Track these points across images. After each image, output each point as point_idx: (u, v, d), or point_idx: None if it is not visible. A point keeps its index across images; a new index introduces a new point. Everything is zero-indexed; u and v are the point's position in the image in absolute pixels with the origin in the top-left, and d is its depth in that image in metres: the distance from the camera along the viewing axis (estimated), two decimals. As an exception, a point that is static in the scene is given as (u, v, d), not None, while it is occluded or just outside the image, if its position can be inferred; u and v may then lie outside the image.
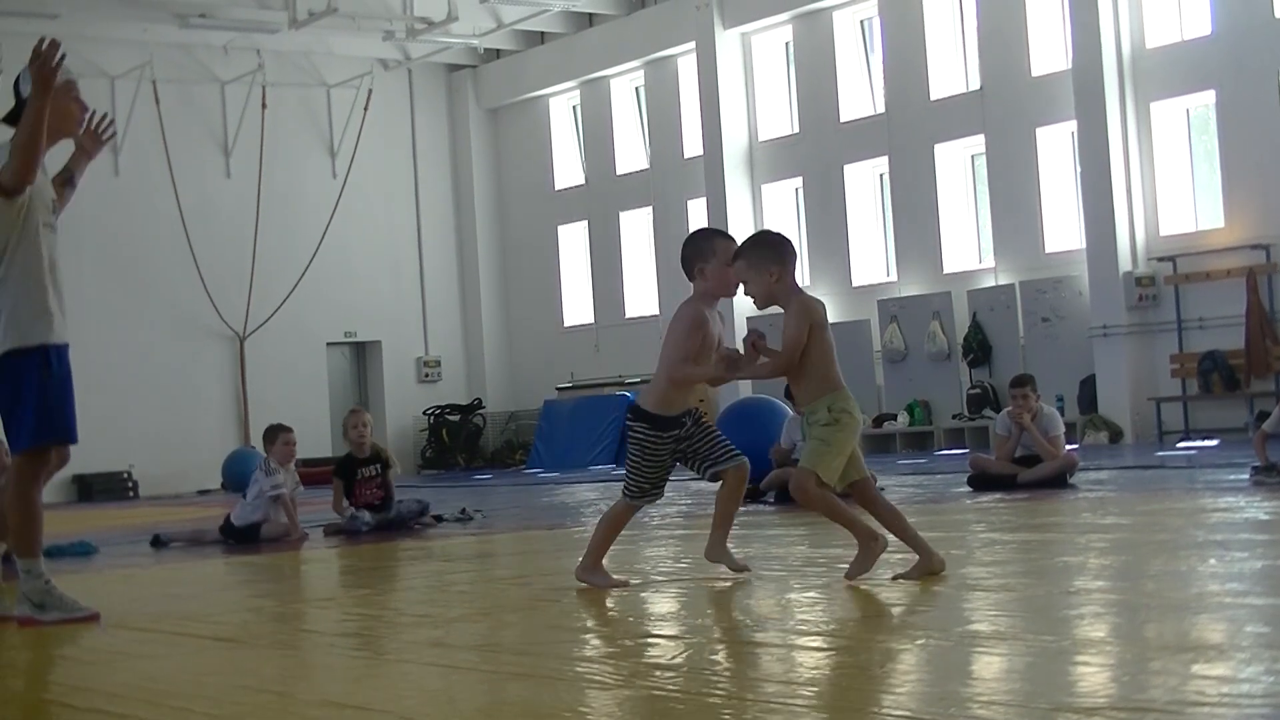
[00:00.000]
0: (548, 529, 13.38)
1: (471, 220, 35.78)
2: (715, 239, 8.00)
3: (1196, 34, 23.85)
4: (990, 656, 5.33)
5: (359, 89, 33.77)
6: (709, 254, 7.87)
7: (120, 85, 31.46)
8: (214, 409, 32.05)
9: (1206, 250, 23.44)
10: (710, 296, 7.91)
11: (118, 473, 30.59)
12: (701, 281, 7.88)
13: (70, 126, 8.07)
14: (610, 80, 33.14)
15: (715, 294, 7.91)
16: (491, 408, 34.90)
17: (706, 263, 7.85)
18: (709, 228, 8.66)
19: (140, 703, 5.44)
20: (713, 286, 7.87)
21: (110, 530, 16.74)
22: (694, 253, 7.92)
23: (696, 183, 30.70)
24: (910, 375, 26.53)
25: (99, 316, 30.81)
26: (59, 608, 7.83)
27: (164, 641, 7.27)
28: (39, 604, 7.77)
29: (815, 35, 28.95)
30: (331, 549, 12.53)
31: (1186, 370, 23.66)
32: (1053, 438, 14.17)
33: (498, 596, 8.41)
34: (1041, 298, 25.12)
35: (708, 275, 7.85)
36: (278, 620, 8.02)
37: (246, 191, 32.38)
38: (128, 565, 12.20)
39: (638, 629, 6.71)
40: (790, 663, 5.51)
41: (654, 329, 31.98)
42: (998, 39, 26.05)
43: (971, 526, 10.74)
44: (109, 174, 31.36)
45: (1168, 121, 24.19)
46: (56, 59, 7.62)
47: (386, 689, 5.52)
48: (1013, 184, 25.89)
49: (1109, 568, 7.91)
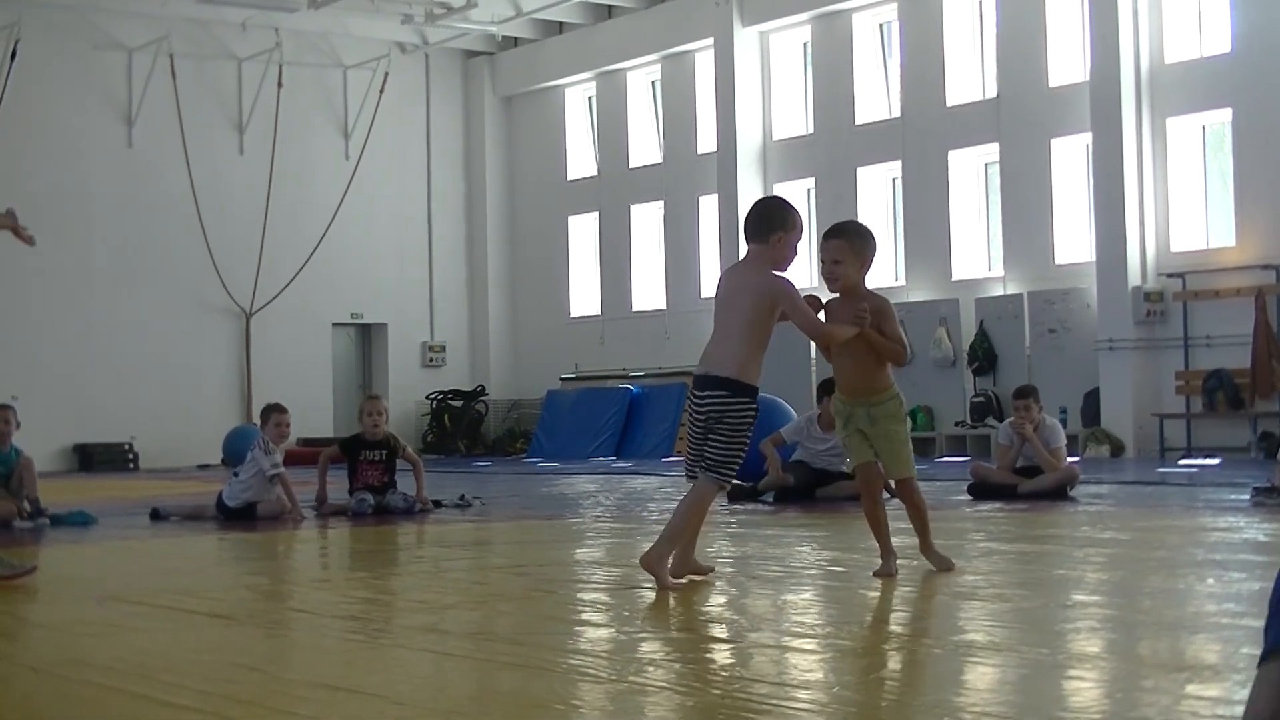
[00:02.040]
0: (546, 519, 13.38)
1: (482, 207, 35.77)
2: (791, 211, 7.88)
3: (1216, 51, 23.81)
4: (984, 667, 5.33)
5: (375, 71, 33.76)
6: (789, 224, 7.76)
7: (137, 58, 31.47)
8: (217, 384, 32.07)
9: (1216, 268, 23.42)
10: (771, 263, 7.75)
11: (119, 444, 30.61)
12: (769, 249, 7.72)
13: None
14: (627, 73, 33.13)
15: (777, 263, 7.76)
16: (494, 395, 34.90)
17: (786, 231, 7.73)
18: (779, 197, 8.44)
19: (133, 676, 5.44)
20: (779, 254, 7.74)
21: (109, 501, 16.75)
22: (776, 219, 7.75)
23: (709, 179, 30.68)
24: (915, 380, 26.44)
25: (107, 288, 30.86)
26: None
27: (158, 616, 7.27)
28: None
29: (834, 36, 28.92)
30: (330, 529, 12.53)
31: (1191, 387, 23.63)
32: (1054, 449, 14.16)
33: (493, 585, 8.42)
34: (1049, 308, 25.10)
35: (780, 244, 7.73)
36: (273, 599, 8.03)
37: (259, 169, 32.38)
38: (125, 537, 12.21)
39: (632, 624, 6.71)
40: (783, 664, 5.51)
41: (660, 323, 32.01)
42: (1016, 48, 26.02)
43: (970, 535, 10.73)
44: (122, 146, 31.40)
45: (1183, 138, 24.16)
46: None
47: (379, 673, 5.52)
48: (1025, 194, 25.86)
49: (1106, 582, 7.90)
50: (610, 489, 18.08)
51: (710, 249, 30.89)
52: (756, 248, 7.75)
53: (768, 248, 7.72)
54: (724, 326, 7.70)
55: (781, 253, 7.73)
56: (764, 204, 8.00)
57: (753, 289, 7.65)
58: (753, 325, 7.60)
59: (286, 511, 13.34)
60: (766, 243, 7.71)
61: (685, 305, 31.53)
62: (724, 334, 7.68)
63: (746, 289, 7.67)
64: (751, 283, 7.68)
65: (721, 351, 7.66)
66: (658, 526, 12.06)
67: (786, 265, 7.79)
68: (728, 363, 7.62)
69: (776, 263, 7.75)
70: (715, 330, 7.78)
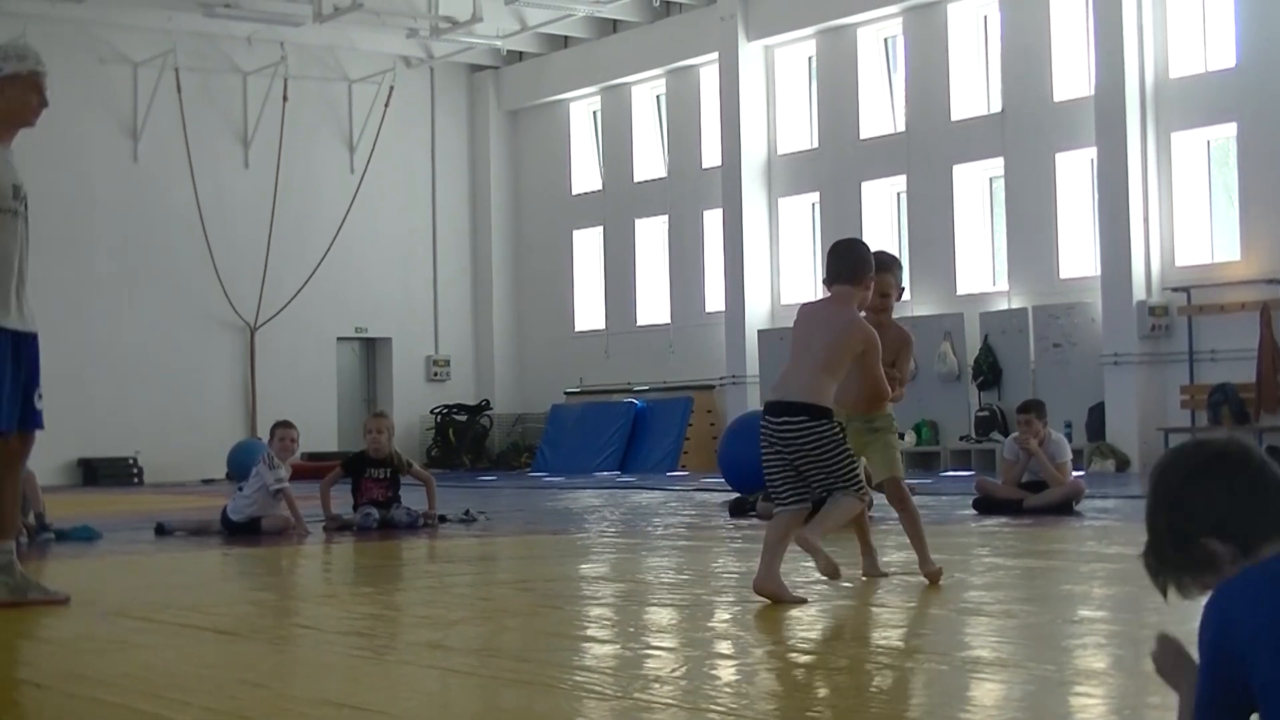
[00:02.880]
0: (551, 534, 13.37)
1: (487, 221, 35.80)
2: (872, 254, 8.09)
3: (1221, 66, 23.82)
4: (989, 683, 5.32)
5: (380, 85, 33.80)
6: (873, 267, 7.97)
7: (143, 72, 31.53)
8: (222, 399, 32.08)
9: (1221, 283, 23.41)
10: (858, 305, 7.93)
11: (123, 458, 30.61)
12: (858, 290, 7.86)
13: (27, 116, 8.08)
14: (632, 87, 33.15)
15: (862, 304, 7.96)
16: (499, 409, 34.90)
17: (872, 275, 7.94)
18: (862, 240, 8.60)
19: (138, 693, 5.43)
20: (865, 299, 7.96)
21: (114, 516, 16.74)
22: (867, 263, 7.94)
23: (713, 193, 30.69)
24: (919, 395, 26.40)
25: (111, 301, 30.88)
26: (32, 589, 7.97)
27: (163, 631, 7.26)
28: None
29: (838, 51, 28.94)
30: (335, 545, 12.52)
31: (1196, 402, 23.62)
32: (1059, 464, 14.15)
33: (498, 600, 8.41)
34: (1054, 323, 25.08)
35: (869, 285, 7.91)
36: (278, 615, 8.02)
37: (264, 183, 32.41)
38: (130, 552, 12.20)
39: (638, 640, 6.70)
40: (789, 680, 5.50)
41: (664, 337, 32.01)
42: (1021, 62, 26.03)
43: (975, 550, 10.72)
44: (128, 160, 31.44)
45: (1188, 152, 24.16)
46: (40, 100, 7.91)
47: (384, 690, 5.51)
48: (1030, 208, 25.85)
49: (1112, 598, 7.89)
50: (615, 504, 18.08)
51: (715, 263, 30.89)
52: (846, 289, 7.86)
53: (857, 290, 7.87)
54: (802, 360, 7.81)
55: (866, 296, 7.93)
56: (855, 246, 8.15)
57: (840, 331, 7.78)
58: (832, 364, 7.74)
59: (290, 527, 13.34)
60: (858, 285, 7.86)
61: (689, 319, 31.55)
62: (802, 367, 7.80)
63: (832, 328, 7.79)
64: (839, 324, 7.80)
65: (798, 381, 7.78)
66: (663, 541, 12.06)
67: (865, 307, 8.03)
68: (804, 390, 7.73)
69: (863, 304, 7.97)
70: (791, 361, 7.90)
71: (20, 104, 8.02)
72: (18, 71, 7.96)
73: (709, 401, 30.35)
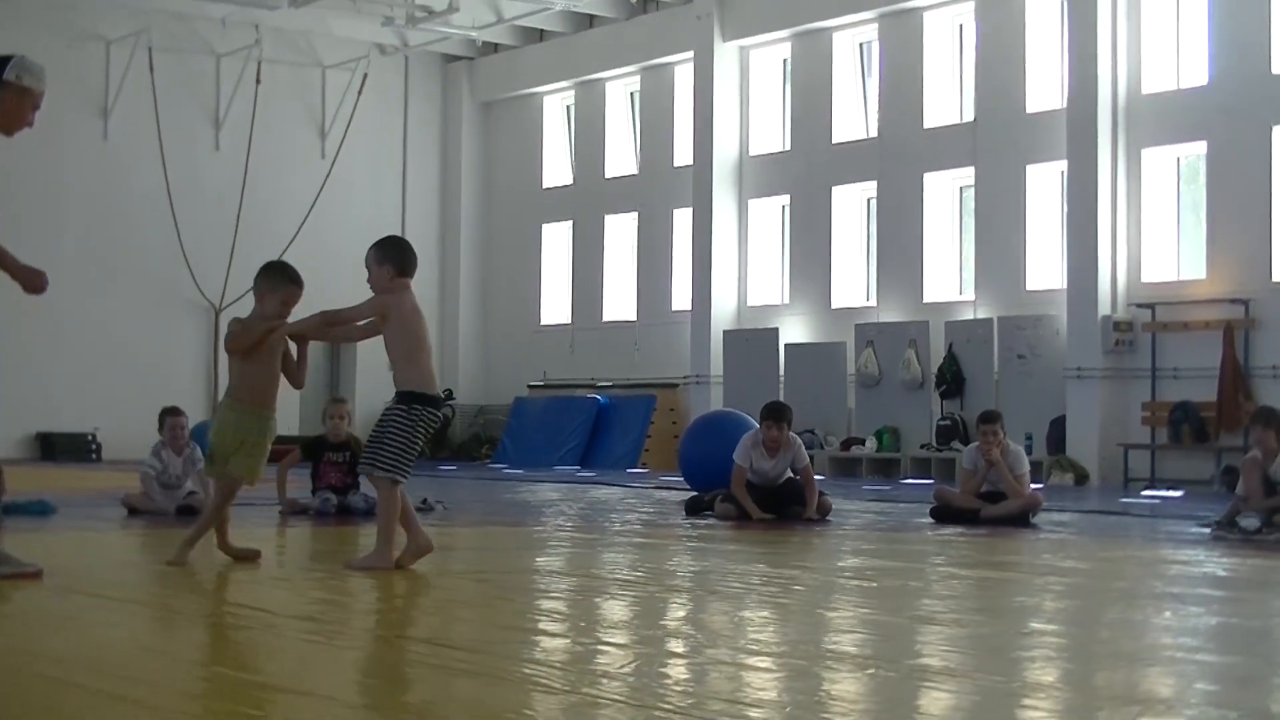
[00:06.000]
0: (509, 526, 13.37)
1: (456, 211, 35.76)
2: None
3: (1192, 84, 23.91)
4: (938, 692, 5.33)
5: (354, 72, 33.73)
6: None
7: (115, 50, 31.41)
8: (184, 379, 31.94)
9: (1186, 300, 23.49)
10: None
11: (82, 434, 30.51)
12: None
13: (14, 128, 8.24)
14: (606, 83, 33.14)
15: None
16: (461, 400, 34.84)
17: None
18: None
19: (86, 670, 5.42)
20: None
21: (70, 492, 16.67)
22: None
23: (684, 192, 30.69)
24: (882, 401, 26.51)
25: (76, 278, 30.73)
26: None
27: (114, 609, 7.25)
28: None
29: (813, 55, 28.97)
30: (291, 528, 12.50)
31: (1157, 419, 23.70)
32: (1018, 475, 14.17)
33: (452, 591, 8.40)
34: (1019, 334, 25.14)
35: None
36: (230, 597, 8.00)
37: (234, 166, 32.32)
38: (84, 528, 12.16)
39: (590, 635, 6.70)
40: (738, 681, 5.50)
41: (630, 334, 32.01)
42: (994, 73, 26.09)
43: (930, 559, 10.75)
44: (98, 138, 31.33)
45: (1158, 169, 24.24)
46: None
47: (333, 675, 5.51)
48: (999, 219, 25.91)
49: (1064, 611, 7.92)
50: (573, 498, 18.08)
51: (683, 262, 30.90)
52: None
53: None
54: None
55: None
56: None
57: None
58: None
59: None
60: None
61: (656, 317, 31.55)
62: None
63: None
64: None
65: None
66: (620, 537, 12.05)
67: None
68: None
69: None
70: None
71: (16, 116, 8.24)
72: (30, 88, 8.38)
73: (672, 400, 30.35)
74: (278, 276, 9.20)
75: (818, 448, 25.68)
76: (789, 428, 14.32)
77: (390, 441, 8.89)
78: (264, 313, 9.05)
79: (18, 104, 8.18)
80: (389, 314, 9.03)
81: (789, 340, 28.11)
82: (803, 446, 14.59)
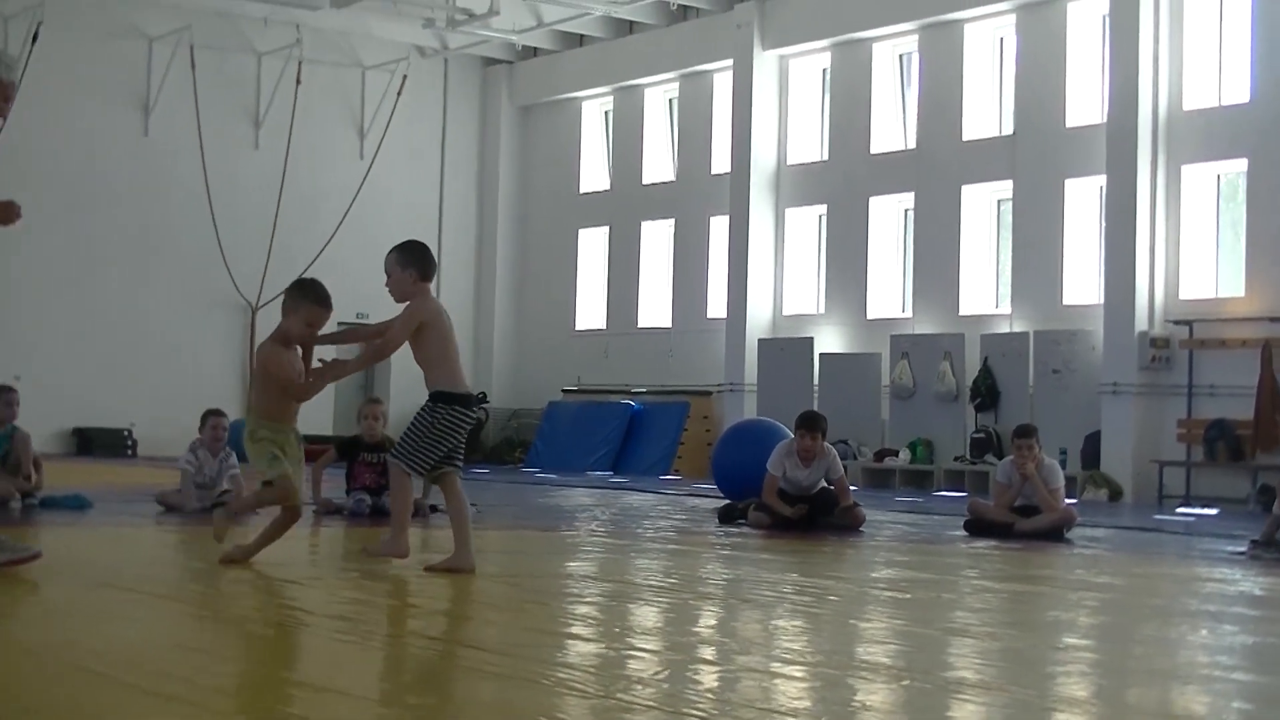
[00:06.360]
0: (541, 530, 13.37)
1: (494, 214, 35.81)
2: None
3: (1234, 101, 23.81)
4: (971, 705, 5.31)
5: (394, 74, 33.80)
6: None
7: (158, 47, 31.54)
8: (220, 377, 32.04)
9: (1224, 318, 23.39)
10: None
11: (118, 429, 30.62)
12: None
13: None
14: (645, 89, 33.16)
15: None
16: (495, 403, 34.86)
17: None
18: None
19: (121, 665, 5.43)
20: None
21: (106, 487, 16.73)
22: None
23: (721, 200, 30.68)
24: (916, 413, 26.45)
25: (114, 274, 30.90)
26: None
27: (149, 605, 7.27)
28: None
29: (853, 65, 28.94)
30: (325, 528, 12.52)
31: (1193, 436, 23.60)
32: (1053, 490, 14.12)
33: (484, 593, 8.40)
34: (1054, 349, 25.06)
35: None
36: (263, 595, 8.01)
37: (273, 164, 32.42)
38: (120, 524, 12.21)
39: (621, 640, 6.69)
40: (770, 690, 5.49)
41: (664, 341, 32.01)
42: (1035, 86, 26.02)
43: (964, 571, 10.72)
44: (138, 134, 31.45)
45: (1198, 186, 24.13)
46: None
47: (365, 675, 5.52)
48: (1037, 233, 25.83)
49: (1098, 627, 7.88)
50: (606, 504, 18.07)
51: (719, 270, 30.88)
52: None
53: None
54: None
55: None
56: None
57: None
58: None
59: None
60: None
61: (690, 324, 31.54)
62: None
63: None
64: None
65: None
66: (652, 544, 12.05)
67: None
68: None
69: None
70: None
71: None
72: (2, 79, 8.11)
73: (706, 407, 30.33)
74: (305, 295, 9.23)
75: (851, 458, 25.61)
76: (824, 437, 14.31)
77: (411, 435, 9.12)
78: (288, 329, 9.10)
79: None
80: (423, 322, 9.11)
81: (824, 350, 28.06)
82: (838, 457, 14.59)
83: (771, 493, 14.17)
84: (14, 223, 8.16)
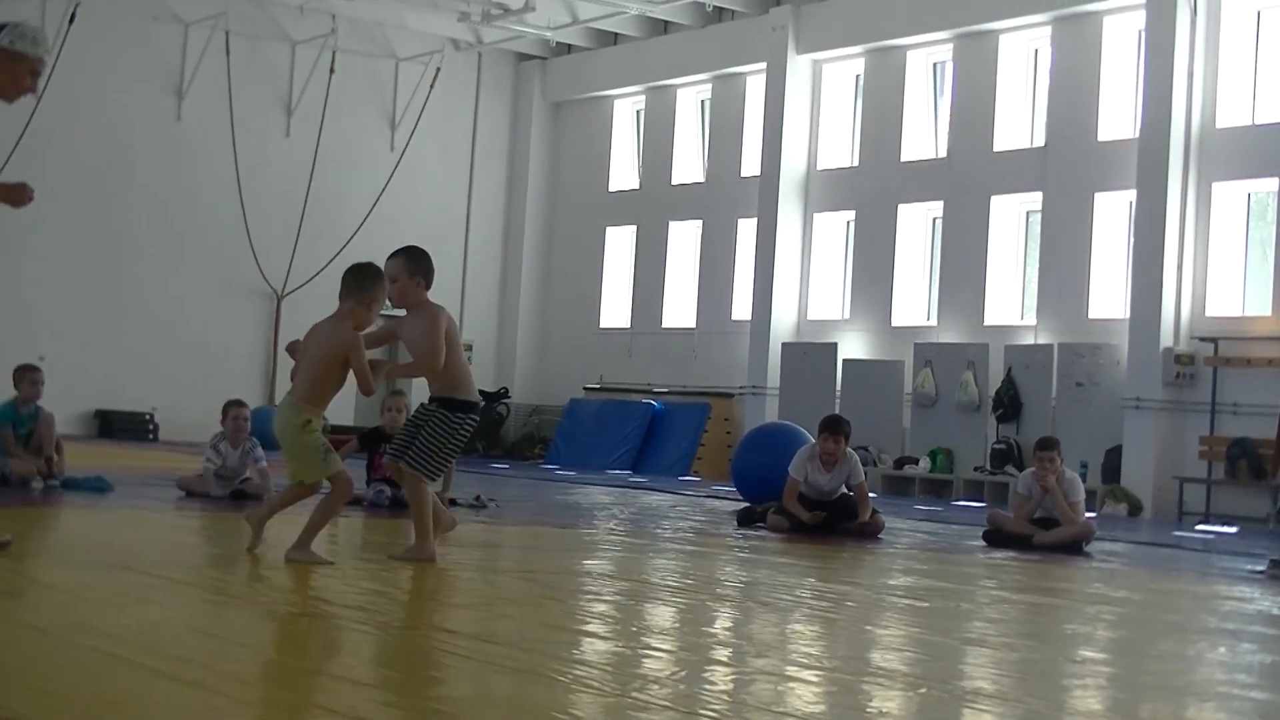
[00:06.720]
0: (559, 527, 13.38)
1: (522, 210, 35.83)
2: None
3: (1268, 119, 23.74)
4: (986, 715, 5.31)
5: (427, 66, 33.83)
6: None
7: (193, 32, 31.58)
8: (244, 363, 32.12)
9: (1250, 336, 23.33)
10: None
11: (140, 413, 30.67)
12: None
13: (10, 94, 8.19)
14: (677, 89, 33.16)
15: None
16: (517, 399, 34.88)
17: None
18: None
19: (139, 649, 5.45)
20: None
21: (127, 470, 16.78)
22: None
23: (749, 202, 30.67)
24: (937, 422, 26.42)
25: (142, 257, 30.94)
26: None
27: (168, 589, 7.29)
28: None
29: (886, 71, 28.91)
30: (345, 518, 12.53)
31: (1215, 453, 23.54)
32: (1073, 503, 14.10)
33: (501, 588, 8.42)
34: (1079, 362, 25.00)
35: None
36: (281, 582, 8.03)
37: (304, 153, 32.47)
38: (140, 507, 12.24)
39: (636, 639, 6.70)
40: (784, 694, 5.49)
41: (688, 341, 32.01)
42: (1067, 99, 25.96)
43: (982, 581, 10.71)
44: (171, 119, 31.50)
45: (1228, 203, 24.07)
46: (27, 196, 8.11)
47: (378, 665, 5.53)
48: (1065, 245, 25.78)
49: (1115, 641, 7.87)
50: (625, 503, 18.07)
51: (745, 272, 30.87)
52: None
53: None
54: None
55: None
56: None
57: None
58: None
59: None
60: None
61: (715, 326, 31.53)
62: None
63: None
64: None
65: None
66: (670, 544, 12.05)
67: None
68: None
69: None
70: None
71: (12, 82, 8.12)
72: (25, 53, 8.09)
73: (727, 409, 30.31)
74: (379, 281, 9.13)
75: (871, 465, 25.56)
76: (846, 442, 14.31)
77: (426, 442, 9.12)
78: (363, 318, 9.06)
79: (12, 70, 8.11)
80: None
81: (847, 356, 28.04)
82: (859, 463, 14.58)
83: (792, 497, 14.18)
84: (26, 204, 8.18)
